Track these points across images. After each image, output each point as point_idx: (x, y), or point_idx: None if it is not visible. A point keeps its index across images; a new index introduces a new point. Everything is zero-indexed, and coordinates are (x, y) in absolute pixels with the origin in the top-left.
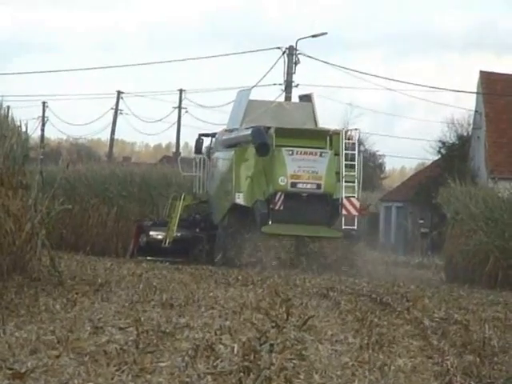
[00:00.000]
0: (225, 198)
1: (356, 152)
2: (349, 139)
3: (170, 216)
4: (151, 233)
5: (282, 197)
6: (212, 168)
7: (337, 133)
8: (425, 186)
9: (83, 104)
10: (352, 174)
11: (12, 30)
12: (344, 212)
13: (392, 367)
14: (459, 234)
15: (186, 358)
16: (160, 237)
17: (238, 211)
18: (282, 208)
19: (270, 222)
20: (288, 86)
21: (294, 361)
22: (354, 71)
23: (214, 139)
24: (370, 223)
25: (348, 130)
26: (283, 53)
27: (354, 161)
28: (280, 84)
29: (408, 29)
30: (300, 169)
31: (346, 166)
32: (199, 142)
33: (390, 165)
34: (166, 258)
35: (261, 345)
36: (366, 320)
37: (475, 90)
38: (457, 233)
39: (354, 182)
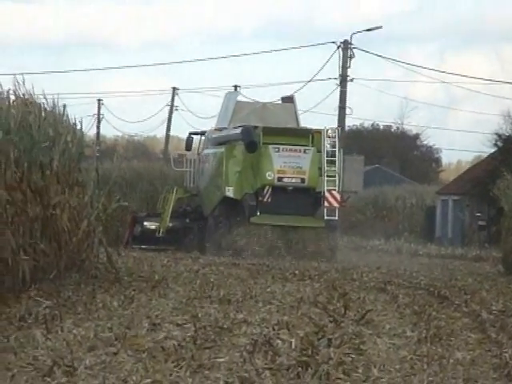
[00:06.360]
0: (215, 192)
1: (336, 149)
2: (329, 137)
3: (163, 208)
4: (145, 223)
5: (270, 190)
6: (202, 164)
7: (318, 131)
8: (481, 178)
9: (139, 101)
10: (333, 169)
11: (69, 27)
12: (326, 204)
13: (450, 360)
14: None
15: (244, 354)
16: (153, 227)
17: (228, 203)
18: (269, 200)
19: (258, 213)
20: (343, 80)
21: (352, 355)
22: (410, 64)
23: (203, 137)
24: (427, 216)
25: (329, 129)
26: (338, 47)
27: (335, 157)
28: (335, 78)
29: (464, 20)
30: (285, 164)
31: (328, 161)
32: (189, 140)
33: (447, 158)
34: (160, 246)
35: (319, 339)
36: (423, 313)
37: None
38: None
39: (334, 177)
